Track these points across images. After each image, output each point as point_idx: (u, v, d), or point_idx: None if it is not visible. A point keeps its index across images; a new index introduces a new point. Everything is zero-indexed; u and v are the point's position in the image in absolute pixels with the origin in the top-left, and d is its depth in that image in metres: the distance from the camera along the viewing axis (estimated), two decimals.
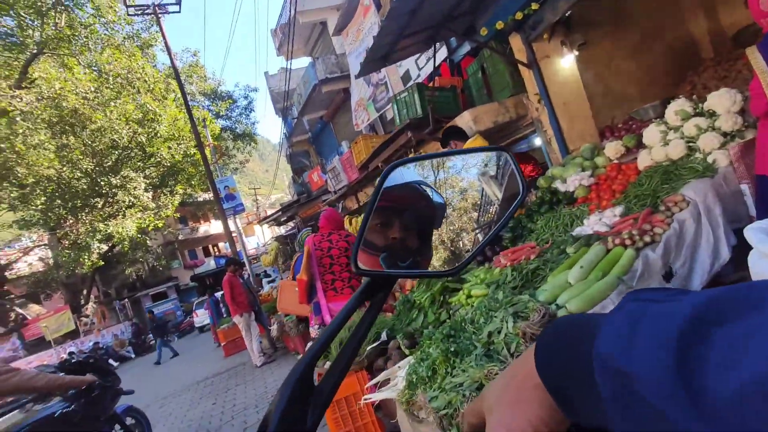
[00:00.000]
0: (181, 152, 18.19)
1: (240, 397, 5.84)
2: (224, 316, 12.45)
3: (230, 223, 12.70)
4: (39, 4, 13.95)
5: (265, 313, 8.11)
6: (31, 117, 15.42)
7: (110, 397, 3.94)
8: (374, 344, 2.63)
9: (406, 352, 2.30)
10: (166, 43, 12.77)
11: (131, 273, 25.31)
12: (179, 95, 19.53)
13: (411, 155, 5.12)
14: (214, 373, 8.33)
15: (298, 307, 4.56)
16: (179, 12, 13.57)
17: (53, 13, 14.38)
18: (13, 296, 16.66)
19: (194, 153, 19.33)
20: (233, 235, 12.83)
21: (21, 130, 15.56)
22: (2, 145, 15.04)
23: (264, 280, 15.11)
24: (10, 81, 14.45)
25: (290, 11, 10.90)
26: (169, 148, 17.83)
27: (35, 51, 14.85)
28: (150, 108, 16.06)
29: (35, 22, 14.40)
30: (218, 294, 13.72)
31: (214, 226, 35.32)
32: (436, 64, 6.29)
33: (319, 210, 11.17)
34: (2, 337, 17.88)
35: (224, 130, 24.21)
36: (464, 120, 4.75)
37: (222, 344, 10.00)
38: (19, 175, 15.21)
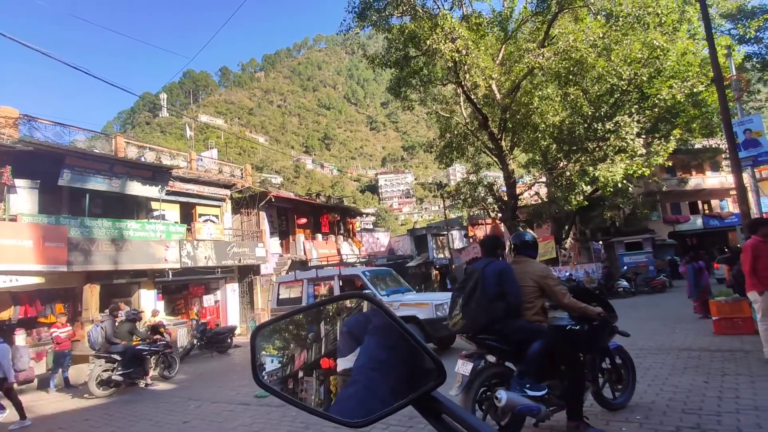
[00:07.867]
0: (685, 91, 15.95)
1: (746, 390, 4.68)
2: (703, 287, 10.45)
3: (745, 176, 10.04)
4: None
5: None
6: (546, 72, 17.96)
7: (608, 331, 4.09)
8: None
9: None
10: None
11: (608, 218, 25.98)
12: (695, 24, 16.91)
13: None
14: (701, 347, 7.21)
15: None
16: None
17: None
18: (519, 220, 21.07)
19: (700, 92, 16.58)
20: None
21: (538, 83, 18.49)
22: (525, 99, 18.53)
23: None
24: (537, 42, 17.20)
25: None
26: (671, 87, 16.06)
27: (557, 10, 16.80)
28: (657, 44, 14.80)
29: None
30: (704, 262, 11.55)
31: (709, 180, 30.07)
32: None
33: None
34: None
35: (748, 58, 19.06)
36: None
37: (712, 318, 8.45)
38: (533, 123, 18.37)
